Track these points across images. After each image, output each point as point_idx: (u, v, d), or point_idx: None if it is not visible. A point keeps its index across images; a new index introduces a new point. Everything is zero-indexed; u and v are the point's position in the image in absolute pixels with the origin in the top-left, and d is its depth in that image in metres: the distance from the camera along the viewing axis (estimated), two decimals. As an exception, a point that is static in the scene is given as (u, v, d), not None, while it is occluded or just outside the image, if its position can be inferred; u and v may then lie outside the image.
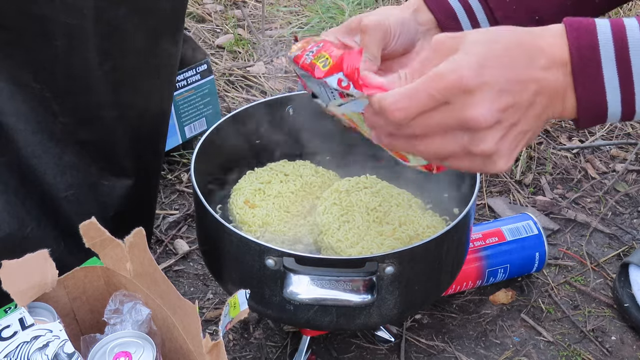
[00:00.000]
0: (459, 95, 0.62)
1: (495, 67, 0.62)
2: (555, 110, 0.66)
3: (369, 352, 1.09)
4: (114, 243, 0.84)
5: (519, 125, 0.65)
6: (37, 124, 0.93)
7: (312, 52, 0.81)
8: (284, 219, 1.03)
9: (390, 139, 0.69)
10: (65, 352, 0.75)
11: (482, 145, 0.64)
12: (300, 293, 0.84)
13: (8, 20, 0.86)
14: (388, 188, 1.08)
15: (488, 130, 0.63)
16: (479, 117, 0.62)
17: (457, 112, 0.63)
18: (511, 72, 0.63)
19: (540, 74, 0.63)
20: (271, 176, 1.10)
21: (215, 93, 1.47)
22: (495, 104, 0.62)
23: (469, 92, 0.62)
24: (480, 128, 0.63)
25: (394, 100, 0.65)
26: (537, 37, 0.65)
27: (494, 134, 0.63)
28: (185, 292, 1.18)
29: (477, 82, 0.62)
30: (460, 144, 0.65)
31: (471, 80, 0.62)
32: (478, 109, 0.62)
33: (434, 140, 0.66)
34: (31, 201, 0.95)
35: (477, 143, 0.64)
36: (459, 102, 0.62)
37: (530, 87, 0.63)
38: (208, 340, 0.73)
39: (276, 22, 1.93)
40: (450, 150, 0.66)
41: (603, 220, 1.34)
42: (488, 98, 0.62)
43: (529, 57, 0.63)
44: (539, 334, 1.13)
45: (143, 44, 0.99)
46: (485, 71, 0.62)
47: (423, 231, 1.01)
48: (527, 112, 0.64)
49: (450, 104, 0.63)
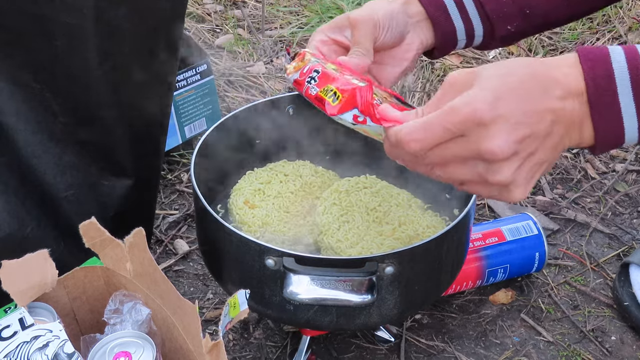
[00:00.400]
0: (473, 128, 0.63)
1: (511, 99, 0.63)
2: (572, 140, 0.66)
3: (369, 352, 1.09)
4: (114, 243, 0.84)
5: (536, 155, 0.65)
6: (37, 124, 0.93)
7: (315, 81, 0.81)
8: (283, 219, 1.03)
9: (410, 166, 0.71)
10: (65, 352, 0.75)
11: (498, 176, 0.64)
12: (300, 293, 0.84)
13: (8, 20, 0.86)
14: (388, 188, 1.08)
15: (504, 162, 0.63)
16: (495, 149, 0.62)
17: (473, 145, 0.63)
18: (527, 104, 0.63)
19: (556, 104, 0.64)
20: (271, 176, 1.10)
21: (215, 93, 1.47)
22: (511, 135, 0.62)
23: (484, 125, 0.62)
24: (497, 160, 0.63)
25: (409, 132, 0.65)
26: (552, 68, 0.65)
27: (510, 165, 0.64)
28: (185, 292, 1.18)
29: (492, 115, 0.62)
30: (476, 173, 0.65)
31: (486, 113, 0.62)
32: (494, 141, 0.62)
33: (452, 168, 0.67)
34: (31, 201, 0.95)
35: (494, 174, 0.64)
36: (474, 135, 0.63)
37: (547, 118, 0.63)
38: (208, 340, 0.73)
39: (276, 22, 1.93)
40: (467, 178, 0.67)
41: (603, 220, 1.34)
42: (504, 130, 0.62)
43: (545, 88, 0.64)
44: (538, 334, 1.13)
45: (143, 44, 0.99)
46: (500, 104, 0.62)
47: (423, 231, 1.01)
48: (544, 143, 0.64)
49: (466, 137, 0.64)
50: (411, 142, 0.65)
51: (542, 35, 1.88)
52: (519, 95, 0.63)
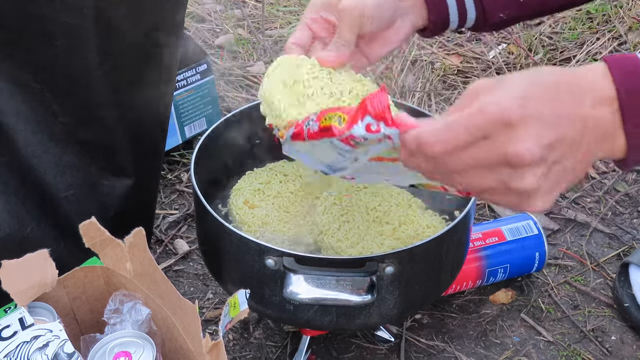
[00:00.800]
0: (500, 130, 0.59)
1: (540, 100, 0.59)
2: (603, 150, 0.63)
3: (369, 352, 1.09)
4: (114, 243, 0.84)
5: (563, 163, 0.61)
6: (37, 124, 0.93)
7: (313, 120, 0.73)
8: (283, 219, 1.03)
9: (429, 175, 0.66)
10: (65, 352, 0.75)
11: (522, 182, 0.60)
12: (300, 293, 0.84)
13: (8, 20, 0.86)
14: (387, 187, 1.08)
15: (530, 167, 0.59)
16: (523, 153, 0.58)
17: (499, 148, 0.59)
18: (557, 107, 0.59)
19: (587, 111, 0.60)
20: (270, 176, 1.10)
21: (215, 93, 1.47)
22: (540, 139, 0.58)
23: (512, 126, 0.58)
24: (523, 164, 0.59)
25: (432, 133, 0.61)
26: (581, 77, 0.62)
27: (536, 170, 0.59)
28: (185, 292, 1.18)
29: (521, 115, 0.58)
30: (499, 180, 0.61)
31: (514, 113, 0.58)
32: (522, 144, 0.58)
33: (473, 174, 0.62)
34: (31, 201, 0.95)
35: (518, 180, 0.60)
36: (501, 137, 0.59)
37: (577, 124, 0.60)
38: (208, 340, 0.73)
39: (276, 22, 1.93)
40: (489, 185, 0.62)
41: (603, 220, 1.34)
42: (533, 133, 0.58)
43: (575, 95, 0.60)
44: (539, 334, 1.13)
45: (143, 43, 0.99)
46: (530, 104, 0.59)
47: (423, 231, 1.01)
48: (572, 150, 0.61)
49: (492, 139, 0.59)
50: (435, 144, 0.61)
51: (542, 35, 1.88)
52: (549, 97, 0.59)
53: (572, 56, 1.81)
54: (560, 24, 1.94)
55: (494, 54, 1.82)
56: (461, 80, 1.72)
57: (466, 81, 1.72)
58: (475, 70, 1.76)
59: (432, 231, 1.01)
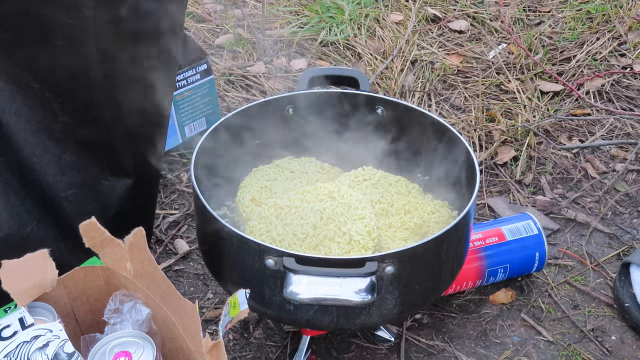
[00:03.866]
0: None
1: None
2: None
3: (369, 351, 1.09)
4: (114, 243, 0.84)
5: None
6: (37, 124, 0.93)
7: None
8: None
9: None
10: (65, 352, 0.75)
11: None
12: (300, 293, 0.84)
13: (8, 20, 0.86)
14: (385, 177, 1.09)
15: None
16: None
17: None
18: None
19: None
20: (277, 173, 1.10)
21: (215, 93, 1.47)
22: None
23: None
24: None
25: None
26: None
27: None
28: (185, 292, 1.18)
29: None
30: None
31: None
32: None
33: None
34: (31, 201, 0.95)
35: None
36: None
37: None
38: (208, 340, 0.73)
39: (276, 22, 1.93)
40: None
41: (603, 220, 1.34)
42: None
43: None
44: (539, 334, 1.13)
45: (143, 43, 0.99)
46: None
47: (428, 217, 1.03)
48: None
49: None
50: None
51: (542, 35, 1.88)
52: None
53: (572, 56, 1.81)
54: (560, 24, 1.94)
55: (494, 54, 1.82)
56: (461, 80, 1.72)
57: (466, 81, 1.72)
58: (475, 70, 1.76)
59: (436, 217, 1.04)
